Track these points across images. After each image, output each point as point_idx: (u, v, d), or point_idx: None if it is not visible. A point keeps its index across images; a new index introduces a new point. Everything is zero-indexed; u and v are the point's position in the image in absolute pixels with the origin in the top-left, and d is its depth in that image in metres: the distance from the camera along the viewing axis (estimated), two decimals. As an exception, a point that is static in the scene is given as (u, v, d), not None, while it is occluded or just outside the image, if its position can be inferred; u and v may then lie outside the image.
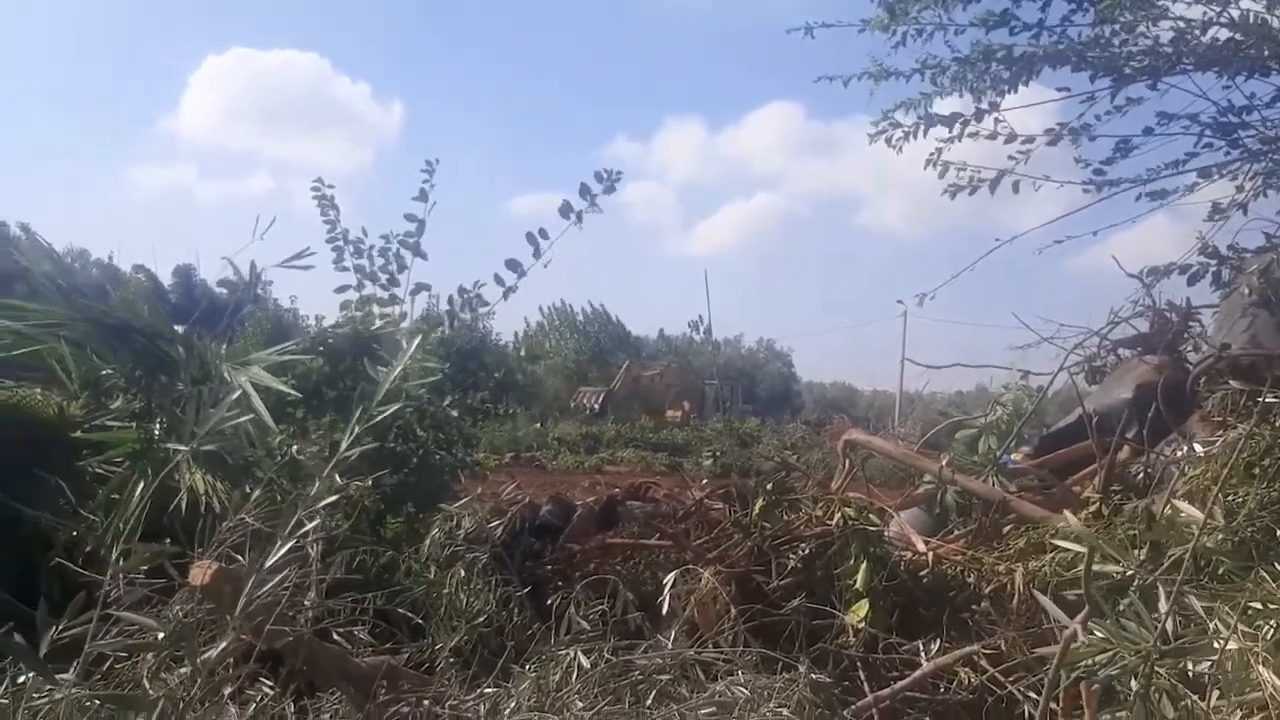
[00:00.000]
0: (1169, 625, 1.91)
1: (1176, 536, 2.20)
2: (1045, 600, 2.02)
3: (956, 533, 4.55)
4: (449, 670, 3.40)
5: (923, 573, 4.07)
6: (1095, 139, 5.36)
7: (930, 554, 4.09)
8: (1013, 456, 5.34)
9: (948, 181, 5.46)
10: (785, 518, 4.29)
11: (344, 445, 2.50)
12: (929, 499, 4.76)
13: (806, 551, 4.05)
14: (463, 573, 3.85)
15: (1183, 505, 2.36)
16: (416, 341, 3.43)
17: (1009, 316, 5.42)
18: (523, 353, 7.11)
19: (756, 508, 4.27)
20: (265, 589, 2.17)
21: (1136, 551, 2.24)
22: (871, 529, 4.05)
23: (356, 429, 2.37)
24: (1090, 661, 1.92)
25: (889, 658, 3.64)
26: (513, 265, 5.84)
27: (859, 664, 3.62)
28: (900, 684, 3.44)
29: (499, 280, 5.85)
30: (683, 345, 58.43)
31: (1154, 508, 3.19)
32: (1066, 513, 3.34)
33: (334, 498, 2.35)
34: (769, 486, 4.35)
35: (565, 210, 5.76)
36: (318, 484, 2.35)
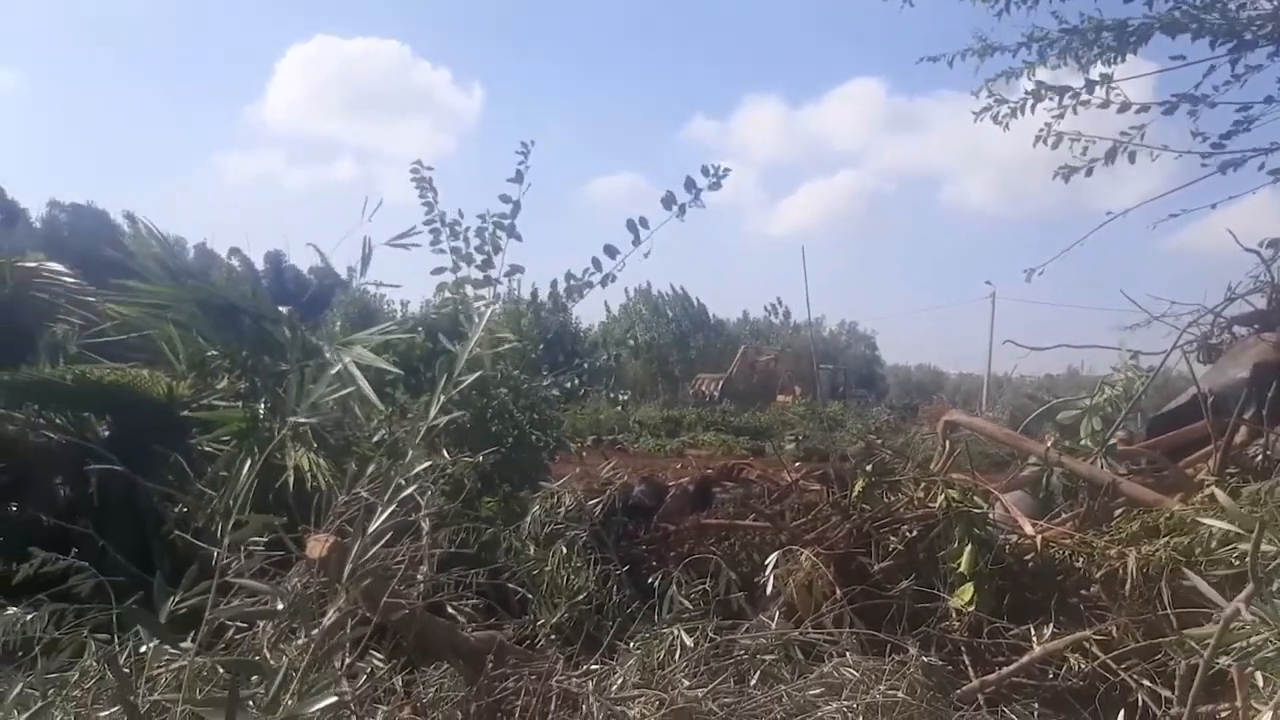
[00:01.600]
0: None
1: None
2: (1200, 582, 1.93)
3: (1063, 516, 4.43)
4: (551, 647, 3.44)
5: (1029, 556, 3.96)
6: (1215, 106, 5.11)
7: (1038, 537, 3.98)
8: (1115, 439, 5.18)
9: (1057, 163, 5.29)
10: (886, 499, 4.21)
11: (431, 414, 2.52)
12: (1033, 481, 4.64)
13: (910, 534, 3.97)
14: (564, 550, 3.87)
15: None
16: (490, 312, 3.43)
17: (1106, 298, 5.26)
18: (624, 337, 7.16)
19: (856, 489, 4.20)
20: (374, 559, 2.21)
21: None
22: (976, 511, 3.96)
23: (441, 399, 2.39)
24: (1244, 643, 1.84)
25: (995, 642, 3.56)
26: (610, 251, 5.88)
27: (964, 648, 3.55)
28: (1007, 669, 3.37)
29: (597, 265, 5.90)
30: (763, 328, 57.95)
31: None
32: (1216, 490, 3.18)
33: (426, 464, 2.37)
34: (869, 468, 4.28)
35: (668, 201, 5.77)
36: (410, 454, 2.38)
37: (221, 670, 2.42)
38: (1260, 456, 4.39)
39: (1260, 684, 2.20)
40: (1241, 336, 5.31)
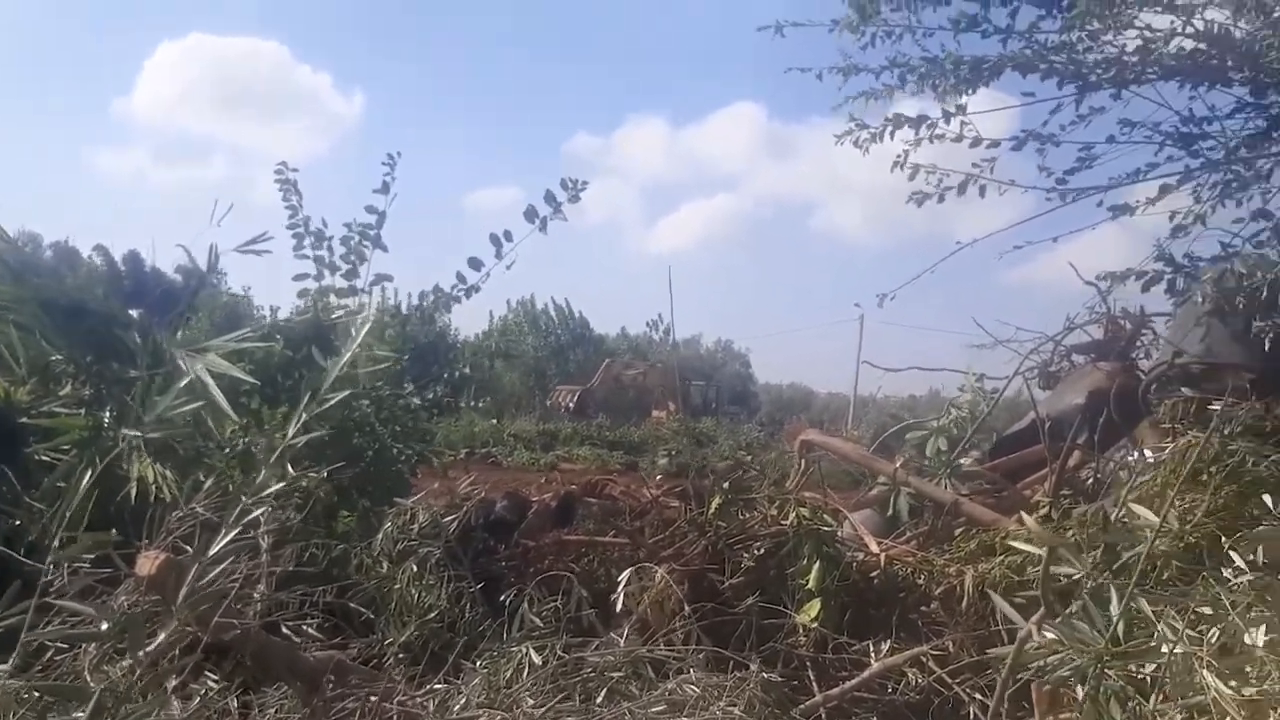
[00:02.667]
0: (1119, 628, 1.94)
1: (1129, 540, 2.23)
2: (999, 600, 2.04)
3: (909, 534, 4.59)
4: (398, 666, 3.38)
5: (874, 573, 4.09)
6: (1060, 145, 5.43)
7: (882, 555, 4.12)
8: (962, 461, 5.40)
9: (912, 189, 5.51)
10: (741, 516, 4.29)
11: (290, 433, 2.46)
12: (882, 500, 4.79)
13: (761, 551, 4.05)
14: (415, 568, 3.81)
15: (1138, 509, 2.39)
16: (366, 329, 3.39)
17: (964, 323, 5.52)
18: (493, 347, 7.13)
19: (712, 506, 4.27)
20: (210, 579, 2.14)
21: (1088, 555, 2.27)
22: (825, 529, 4.07)
23: (304, 416, 2.34)
24: (1042, 662, 1.95)
25: (838, 658, 3.66)
26: (475, 264, 5.87)
27: (809, 663, 3.64)
28: (849, 684, 3.46)
29: (461, 278, 5.87)
30: (643, 344, 58.36)
31: (1108, 511, 3.24)
32: (1023, 514, 3.37)
33: (279, 486, 2.31)
34: (725, 485, 4.35)
35: (530, 215, 5.80)
36: (264, 472, 2.32)
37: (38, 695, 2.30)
38: (1091, 480, 4.64)
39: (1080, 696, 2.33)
40: (1079, 364, 5.61)
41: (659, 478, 5.86)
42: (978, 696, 3.37)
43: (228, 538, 2.08)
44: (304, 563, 3.53)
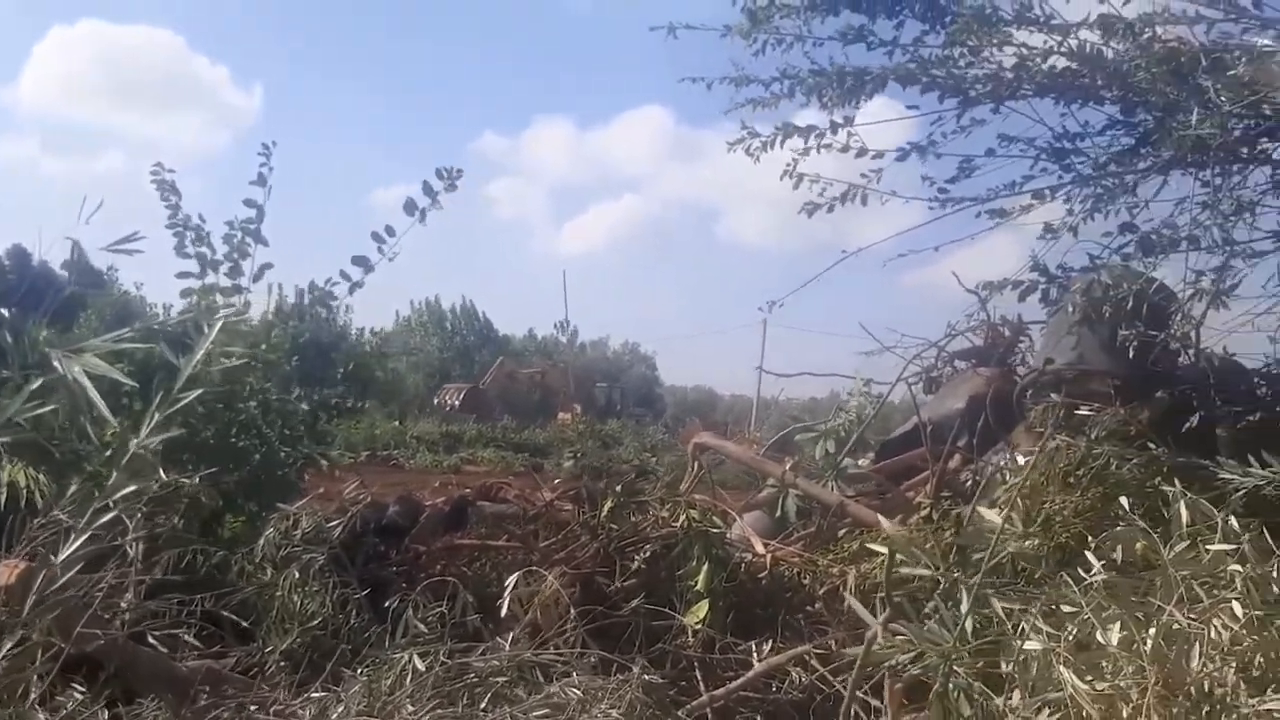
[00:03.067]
0: (969, 625, 2.03)
1: (983, 541, 2.33)
2: (853, 601, 2.11)
3: (795, 536, 4.69)
4: (278, 674, 3.31)
5: (761, 574, 4.17)
6: (941, 157, 5.59)
7: (769, 556, 4.20)
8: (859, 462, 5.54)
9: (803, 199, 5.62)
10: (633, 519, 4.32)
11: (144, 433, 2.39)
12: (771, 502, 4.88)
13: (650, 553, 4.09)
14: (297, 574, 3.74)
15: (985, 511, 2.49)
16: (218, 327, 3.30)
17: (858, 327, 5.65)
18: (381, 347, 7.02)
19: (605, 509, 4.29)
20: (63, 586, 2.07)
21: (950, 556, 2.36)
22: (714, 531, 4.13)
23: (157, 416, 2.28)
24: (897, 661, 2.02)
25: (725, 658, 3.72)
26: (360, 261, 5.80)
27: (696, 664, 3.68)
28: (734, 684, 3.52)
29: (345, 276, 5.80)
30: (550, 345, 58.24)
31: (963, 514, 3.37)
32: (881, 518, 3.49)
33: (133, 489, 2.24)
34: (618, 488, 4.38)
35: (410, 207, 5.77)
36: (115, 476, 2.25)
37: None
38: (970, 481, 4.80)
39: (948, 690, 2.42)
40: (961, 370, 5.80)
41: (556, 481, 5.85)
42: (858, 694, 3.46)
43: (79, 542, 2.02)
44: (182, 569, 3.44)
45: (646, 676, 2.94)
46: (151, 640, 2.86)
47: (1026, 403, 5.06)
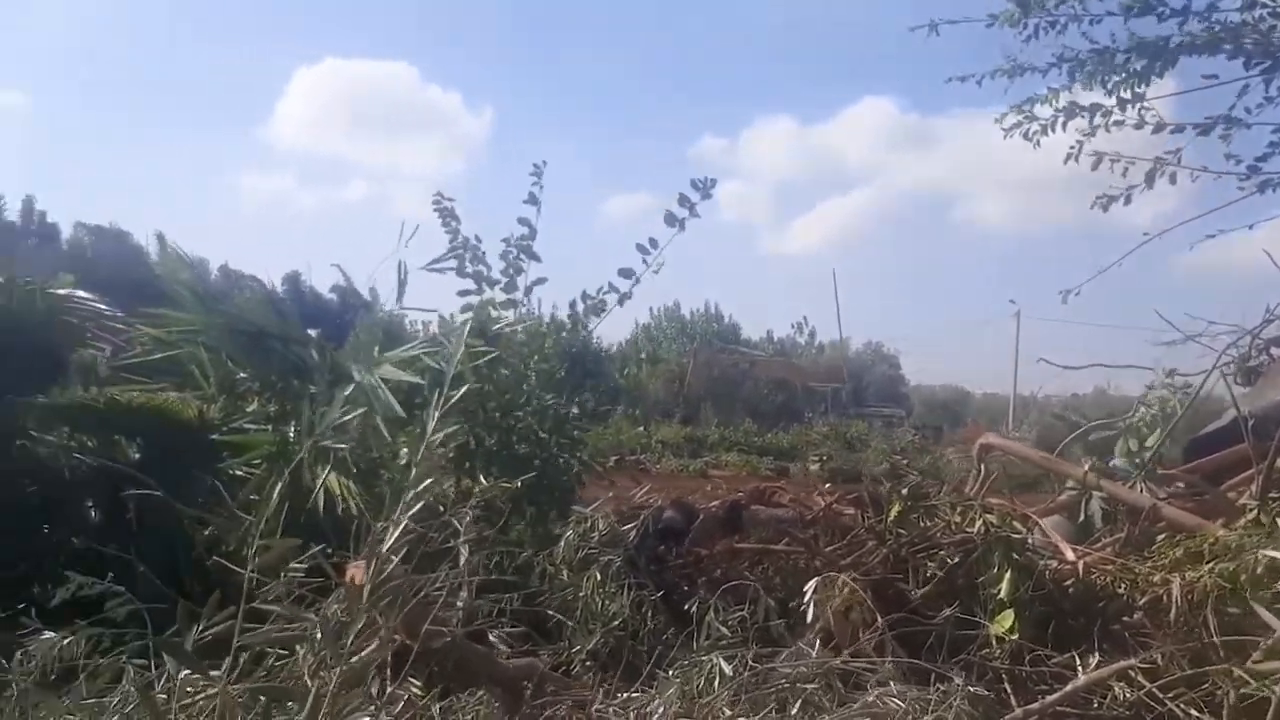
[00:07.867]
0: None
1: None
2: (1259, 607, 1.88)
3: (1103, 541, 4.36)
4: (586, 674, 3.40)
5: (1069, 582, 3.90)
6: (1251, 127, 5.07)
7: (1079, 563, 3.92)
8: (1115, 461, 5.11)
9: (1082, 179, 5.25)
10: (922, 524, 4.16)
11: (429, 430, 2.49)
12: (1071, 506, 4.57)
13: (948, 559, 3.92)
14: (597, 576, 3.84)
15: None
16: (466, 329, 3.38)
17: (1123, 316, 5.25)
18: (642, 355, 7.18)
19: (892, 513, 4.15)
20: (412, 585, 2.18)
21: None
22: (1015, 536, 3.91)
23: (436, 414, 2.38)
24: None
25: (1037, 670, 3.50)
26: (626, 273, 5.95)
27: (1005, 676, 3.49)
28: (1051, 698, 3.29)
29: (613, 287, 5.96)
30: (789, 346, 57.87)
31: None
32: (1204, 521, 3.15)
33: (425, 484, 2.35)
34: (905, 492, 4.23)
35: (670, 219, 5.88)
36: (413, 473, 2.36)
37: (256, 697, 2.40)
38: (1303, 480, 4.32)
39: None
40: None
41: (828, 485, 5.75)
42: (1193, 712, 3.16)
43: (394, 535, 2.14)
44: (491, 571, 3.61)
45: (970, 688, 2.78)
46: (492, 639, 3.00)
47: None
